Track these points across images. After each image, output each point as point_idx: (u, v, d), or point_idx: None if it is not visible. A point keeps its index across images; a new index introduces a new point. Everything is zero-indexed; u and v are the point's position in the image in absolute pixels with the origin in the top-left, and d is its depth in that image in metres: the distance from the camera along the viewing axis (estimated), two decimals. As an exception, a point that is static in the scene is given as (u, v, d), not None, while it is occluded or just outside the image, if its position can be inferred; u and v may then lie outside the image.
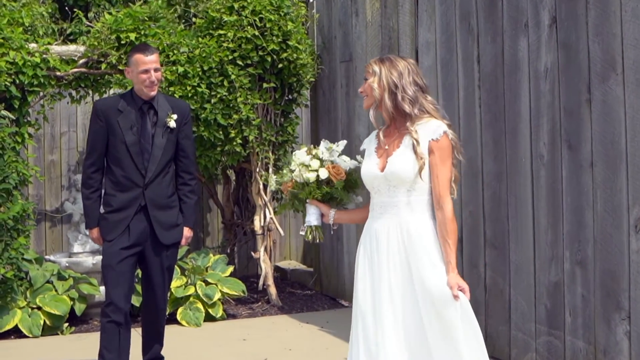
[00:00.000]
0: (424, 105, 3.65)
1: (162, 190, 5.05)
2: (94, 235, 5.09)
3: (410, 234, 3.62)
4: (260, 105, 7.31)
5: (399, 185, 3.63)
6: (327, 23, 7.77)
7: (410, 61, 3.72)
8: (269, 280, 7.44)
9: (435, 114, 3.68)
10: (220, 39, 7.07)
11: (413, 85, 3.64)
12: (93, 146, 5.03)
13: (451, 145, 3.68)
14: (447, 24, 6.03)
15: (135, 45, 5.17)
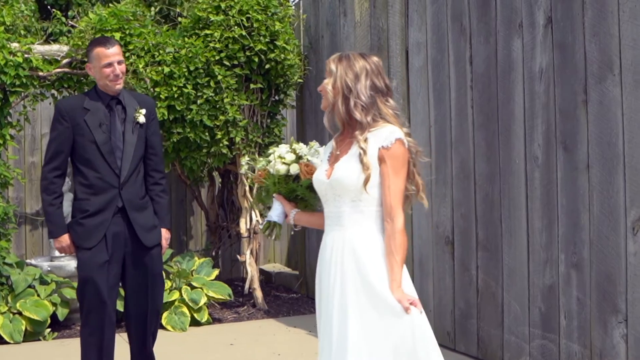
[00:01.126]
0: (381, 110, 3.37)
1: (137, 190, 4.81)
2: (63, 244, 4.77)
3: (355, 249, 3.35)
4: (247, 106, 7.22)
5: (343, 194, 3.37)
6: (314, 23, 7.69)
7: (371, 60, 3.41)
8: (255, 283, 7.34)
9: (393, 120, 3.39)
10: (207, 39, 6.96)
11: (370, 89, 3.35)
12: (57, 149, 4.73)
13: (407, 154, 3.37)
14: (438, 24, 5.97)
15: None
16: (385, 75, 3.44)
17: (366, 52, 3.57)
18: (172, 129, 6.89)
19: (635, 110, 4.41)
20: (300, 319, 7.03)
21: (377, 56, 3.50)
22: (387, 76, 3.45)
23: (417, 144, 3.46)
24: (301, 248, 8.01)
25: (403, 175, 3.37)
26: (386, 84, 3.41)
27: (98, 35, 6.68)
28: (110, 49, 4.74)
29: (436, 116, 6.01)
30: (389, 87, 3.43)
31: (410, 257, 6.29)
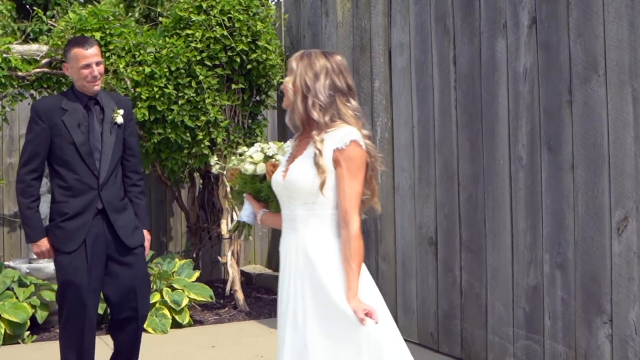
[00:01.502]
0: (340, 111, 3.25)
1: (116, 191, 4.73)
2: (42, 248, 4.66)
3: (308, 255, 3.24)
4: (228, 106, 7.17)
5: (297, 196, 3.28)
6: (296, 24, 7.66)
7: (334, 59, 3.30)
8: (236, 285, 7.29)
9: (352, 121, 3.26)
10: (188, 39, 6.91)
11: (329, 89, 3.24)
12: (34, 151, 4.63)
13: (364, 156, 3.24)
14: (421, 25, 5.95)
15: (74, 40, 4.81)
16: (348, 74, 3.33)
17: (332, 51, 3.48)
18: (153, 130, 6.83)
19: (620, 110, 4.42)
20: (282, 320, 6.99)
21: (341, 55, 3.39)
22: (350, 76, 3.34)
23: (376, 148, 3.36)
24: (282, 249, 7.96)
25: (360, 178, 3.24)
26: (348, 84, 3.29)
27: (78, 35, 6.61)
28: (89, 49, 4.66)
29: (419, 117, 6.00)
30: (351, 87, 3.32)
31: (393, 258, 6.28)
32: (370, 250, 6.55)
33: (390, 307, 6.22)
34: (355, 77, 6.72)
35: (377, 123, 6.47)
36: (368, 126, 3.38)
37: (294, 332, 3.28)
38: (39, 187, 4.71)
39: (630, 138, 4.35)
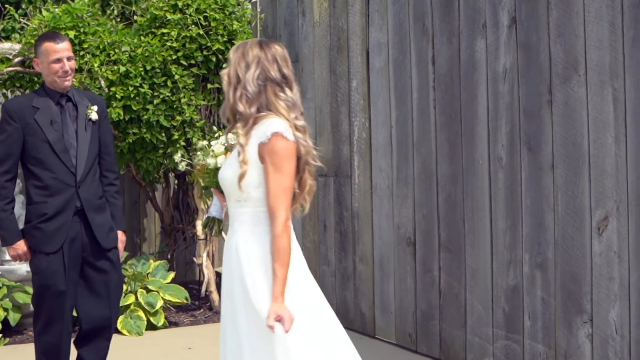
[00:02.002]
0: (270, 102, 3.16)
1: (95, 189, 4.66)
2: (20, 251, 4.57)
3: (238, 255, 3.20)
4: (204, 106, 7.11)
5: (230, 194, 3.22)
6: (272, 23, 7.61)
7: (270, 49, 3.21)
8: (212, 286, 7.23)
9: (284, 111, 3.16)
10: (164, 37, 6.84)
11: (259, 79, 3.15)
12: (7, 152, 4.55)
13: (290, 148, 3.13)
14: (400, 25, 5.94)
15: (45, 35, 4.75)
16: (285, 64, 3.22)
17: (272, 40, 3.34)
18: (127, 130, 6.76)
19: (601, 110, 4.42)
20: (258, 322, 6.94)
21: (281, 45, 3.30)
22: (289, 65, 3.24)
23: (309, 141, 3.23)
24: (258, 250, 7.91)
25: (286, 172, 3.12)
26: (283, 74, 3.19)
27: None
28: (60, 44, 4.59)
29: (397, 117, 5.98)
30: (287, 77, 3.21)
31: (371, 259, 6.25)
32: (347, 251, 6.53)
33: (368, 308, 6.24)
34: (332, 77, 6.70)
35: (354, 123, 6.44)
36: (302, 117, 3.27)
37: (231, 333, 3.25)
38: (14, 189, 4.64)
39: (611, 138, 4.36)
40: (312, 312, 3.20)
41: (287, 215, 3.11)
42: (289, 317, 3.07)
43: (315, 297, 3.26)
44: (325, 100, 6.80)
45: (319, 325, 3.23)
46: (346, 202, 6.56)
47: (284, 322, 3.06)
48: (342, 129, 6.59)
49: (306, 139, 3.20)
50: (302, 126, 3.18)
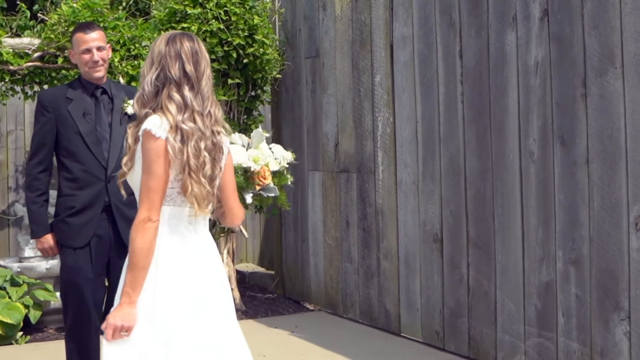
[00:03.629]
0: (162, 102, 3.00)
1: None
2: (46, 245, 4.47)
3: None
4: (223, 102, 7.03)
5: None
6: (291, 18, 7.53)
7: (175, 45, 3.03)
8: (232, 284, 7.15)
9: (174, 111, 2.99)
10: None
11: (159, 80, 3.01)
12: (40, 142, 4.46)
13: (157, 147, 2.96)
14: (425, 18, 5.85)
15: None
16: (190, 60, 3.03)
17: (186, 34, 3.12)
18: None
19: (638, 103, 4.34)
20: (280, 319, 6.87)
21: (192, 39, 3.10)
22: (198, 61, 3.06)
23: (200, 145, 3.00)
24: (277, 247, 7.84)
25: (152, 172, 2.96)
26: (184, 71, 3.01)
27: (71, 28, 6.44)
28: (90, 34, 4.48)
29: (423, 111, 5.90)
30: (189, 74, 3.02)
31: (396, 256, 6.17)
32: (371, 248, 6.45)
33: (393, 306, 6.15)
34: (354, 72, 6.62)
35: (378, 118, 6.36)
36: (189, 116, 3.02)
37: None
38: (47, 182, 4.53)
39: (650, 131, 4.28)
40: (158, 332, 3.00)
41: (146, 216, 2.97)
42: (120, 325, 2.94)
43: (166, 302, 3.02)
44: (348, 96, 6.71)
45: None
46: (370, 199, 6.48)
47: (113, 331, 2.95)
48: (365, 124, 6.51)
49: (193, 142, 3.00)
50: (191, 129, 2.99)
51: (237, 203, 3.22)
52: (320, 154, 7.10)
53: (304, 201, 7.36)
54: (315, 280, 7.22)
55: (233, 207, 3.19)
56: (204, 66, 3.07)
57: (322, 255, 7.10)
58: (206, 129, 3.02)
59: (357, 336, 6.22)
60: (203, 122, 3.00)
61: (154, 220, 2.96)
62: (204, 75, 3.05)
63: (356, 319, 6.66)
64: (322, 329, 6.48)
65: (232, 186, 3.18)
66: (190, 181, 2.99)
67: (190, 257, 3.05)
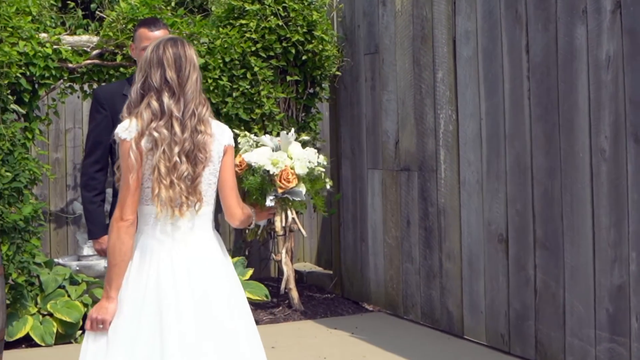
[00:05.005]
0: (141, 109, 3.10)
1: None
2: (104, 246, 4.29)
3: None
4: (282, 99, 6.95)
5: None
6: (350, 13, 7.41)
7: (158, 51, 3.11)
8: (291, 283, 7.07)
9: (148, 117, 3.08)
10: (242, 29, 6.69)
11: (143, 88, 3.11)
12: (96, 141, 4.30)
13: (123, 148, 3.08)
14: (490, 12, 5.69)
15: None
16: (173, 67, 3.10)
17: (174, 39, 3.18)
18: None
19: None
20: (339, 320, 6.76)
21: (178, 45, 3.15)
22: (181, 68, 3.11)
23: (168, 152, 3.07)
24: (336, 246, 7.74)
25: (122, 172, 3.09)
26: (165, 78, 3.08)
27: (130, 26, 6.41)
28: (154, 31, 4.29)
29: (488, 108, 5.74)
30: (170, 81, 3.09)
31: (459, 256, 6.03)
32: (432, 248, 6.31)
33: (456, 307, 6.01)
34: (415, 68, 6.48)
35: (440, 115, 6.21)
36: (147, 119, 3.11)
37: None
38: (104, 180, 4.41)
39: None
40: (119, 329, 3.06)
41: (118, 215, 3.06)
42: (95, 317, 3.05)
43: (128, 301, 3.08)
44: (408, 92, 6.58)
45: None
46: (431, 197, 6.34)
47: (89, 320, 3.08)
48: (427, 121, 6.37)
49: (163, 147, 3.06)
50: (162, 135, 3.06)
51: (234, 202, 3.26)
52: (380, 152, 6.98)
53: (363, 200, 7.24)
54: (375, 281, 7.10)
55: (230, 205, 3.24)
56: (189, 70, 3.12)
57: (382, 255, 6.97)
58: (185, 131, 3.07)
59: (418, 338, 6.09)
60: (181, 127, 3.07)
61: (124, 219, 3.05)
62: (188, 80, 3.11)
63: (417, 320, 6.53)
64: (383, 330, 6.35)
65: (230, 185, 3.23)
66: (157, 184, 3.05)
67: (165, 257, 3.11)
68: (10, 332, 5.89)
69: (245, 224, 3.37)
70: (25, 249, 5.94)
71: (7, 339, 5.78)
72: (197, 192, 3.09)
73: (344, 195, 7.54)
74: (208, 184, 3.16)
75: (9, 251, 5.81)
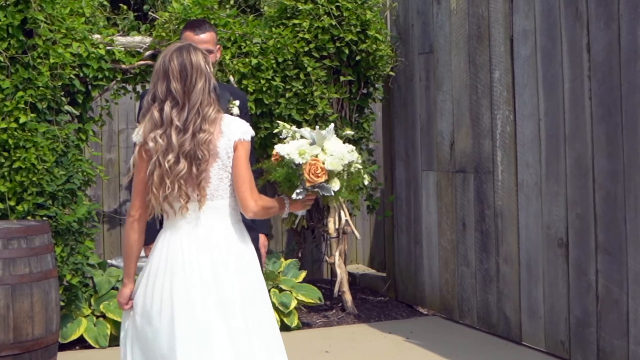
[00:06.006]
0: (146, 118, 3.32)
1: None
2: None
3: None
4: (335, 100, 6.86)
5: None
6: (403, 12, 7.30)
7: (165, 61, 3.32)
8: (344, 286, 6.98)
9: (149, 127, 3.30)
10: (295, 29, 6.62)
11: (151, 99, 3.33)
12: None
13: (134, 155, 3.36)
14: (549, 10, 5.55)
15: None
16: (178, 77, 3.29)
17: (181, 49, 3.36)
18: (259, 124, 6.56)
19: None
20: (393, 324, 6.65)
21: (182, 55, 3.33)
22: (187, 77, 3.29)
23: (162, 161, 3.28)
24: (389, 249, 7.63)
25: (135, 173, 3.37)
26: (169, 89, 3.28)
27: (182, 26, 6.36)
28: (200, 35, 4.27)
29: (547, 109, 5.59)
30: (173, 92, 3.28)
31: (517, 260, 5.89)
32: (489, 252, 6.18)
33: (513, 312, 5.87)
34: (471, 68, 6.35)
35: (497, 116, 6.08)
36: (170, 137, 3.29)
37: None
38: None
39: None
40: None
41: (128, 211, 3.42)
42: (118, 300, 3.48)
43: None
44: (464, 93, 6.45)
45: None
46: (488, 200, 6.20)
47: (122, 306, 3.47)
48: (483, 122, 6.23)
49: (156, 157, 3.27)
50: (157, 145, 3.25)
51: (246, 195, 3.33)
52: (435, 153, 6.86)
53: (417, 202, 7.13)
54: (430, 284, 6.98)
55: (241, 198, 3.33)
56: (195, 78, 3.30)
57: (437, 258, 6.85)
58: (186, 134, 3.25)
59: (475, 343, 5.96)
60: (180, 134, 3.25)
61: (130, 215, 3.39)
62: (194, 87, 3.29)
63: (473, 325, 6.40)
64: (438, 335, 6.24)
65: (242, 178, 3.32)
66: (150, 189, 3.30)
67: (168, 251, 3.36)
68: (64, 334, 5.89)
69: (263, 216, 3.44)
70: (78, 251, 5.94)
71: (61, 340, 5.78)
72: (200, 188, 3.29)
73: (398, 197, 7.44)
74: (219, 178, 3.33)
75: (62, 253, 5.81)
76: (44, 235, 5.18)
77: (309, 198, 3.48)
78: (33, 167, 5.75)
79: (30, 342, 5.02)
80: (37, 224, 5.23)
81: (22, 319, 4.98)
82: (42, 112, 5.91)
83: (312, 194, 3.48)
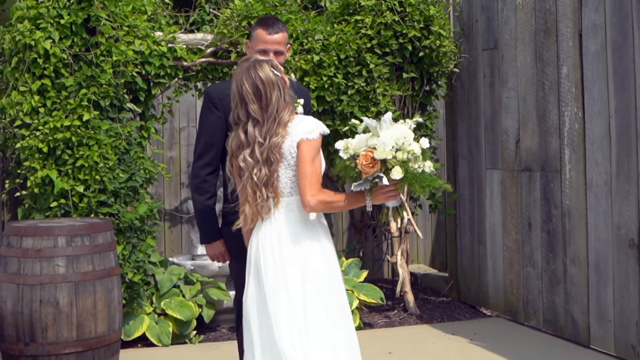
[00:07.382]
0: (232, 135, 3.67)
1: None
2: (216, 252, 4.15)
3: None
4: (397, 97, 6.76)
5: None
6: (467, 8, 7.16)
7: (240, 89, 3.58)
8: (406, 286, 6.88)
9: (235, 147, 3.66)
10: (358, 25, 6.53)
11: (235, 116, 3.66)
12: (208, 142, 4.05)
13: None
14: (620, 4, 5.38)
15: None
16: (256, 96, 3.54)
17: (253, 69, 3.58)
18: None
19: None
20: (456, 325, 6.53)
21: (250, 76, 3.57)
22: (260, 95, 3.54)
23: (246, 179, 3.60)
24: (452, 248, 7.51)
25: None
26: (248, 111, 3.56)
27: (244, 23, 6.34)
28: (273, 35, 4.12)
29: (617, 105, 5.42)
30: (252, 112, 3.55)
31: (585, 261, 5.73)
32: (556, 252, 6.03)
33: (581, 315, 5.71)
34: (538, 64, 6.20)
35: (564, 113, 5.92)
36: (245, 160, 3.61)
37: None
38: (216, 183, 4.22)
39: None
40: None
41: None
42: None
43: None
44: (530, 89, 6.30)
45: None
46: (555, 199, 6.05)
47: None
48: (550, 119, 6.08)
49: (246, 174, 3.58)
50: (243, 167, 3.57)
51: (304, 190, 3.47)
52: (499, 151, 6.72)
53: (481, 201, 6.99)
54: (494, 285, 6.84)
55: (301, 194, 3.49)
56: (269, 92, 3.54)
57: (501, 258, 6.71)
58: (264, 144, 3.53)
59: (542, 347, 5.82)
60: (261, 149, 3.53)
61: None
62: (270, 101, 3.53)
63: (539, 327, 6.25)
64: (503, 337, 6.10)
65: (302, 174, 3.48)
66: (244, 201, 3.60)
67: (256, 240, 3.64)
68: (126, 332, 5.90)
69: (323, 210, 3.55)
70: (140, 248, 5.94)
71: (124, 338, 5.79)
72: (274, 188, 3.53)
73: (461, 196, 7.31)
74: (287, 177, 3.55)
75: (124, 250, 5.82)
76: (106, 232, 5.18)
77: (388, 190, 3.50)
78: (96, 164, 5.77)
79: (93, 340, 5.02)
80: (100, 222, 5.23)
81: (85, 317, 4.98)
82: (104, 109, 5.93)
83: (381, 185, 3.46)
